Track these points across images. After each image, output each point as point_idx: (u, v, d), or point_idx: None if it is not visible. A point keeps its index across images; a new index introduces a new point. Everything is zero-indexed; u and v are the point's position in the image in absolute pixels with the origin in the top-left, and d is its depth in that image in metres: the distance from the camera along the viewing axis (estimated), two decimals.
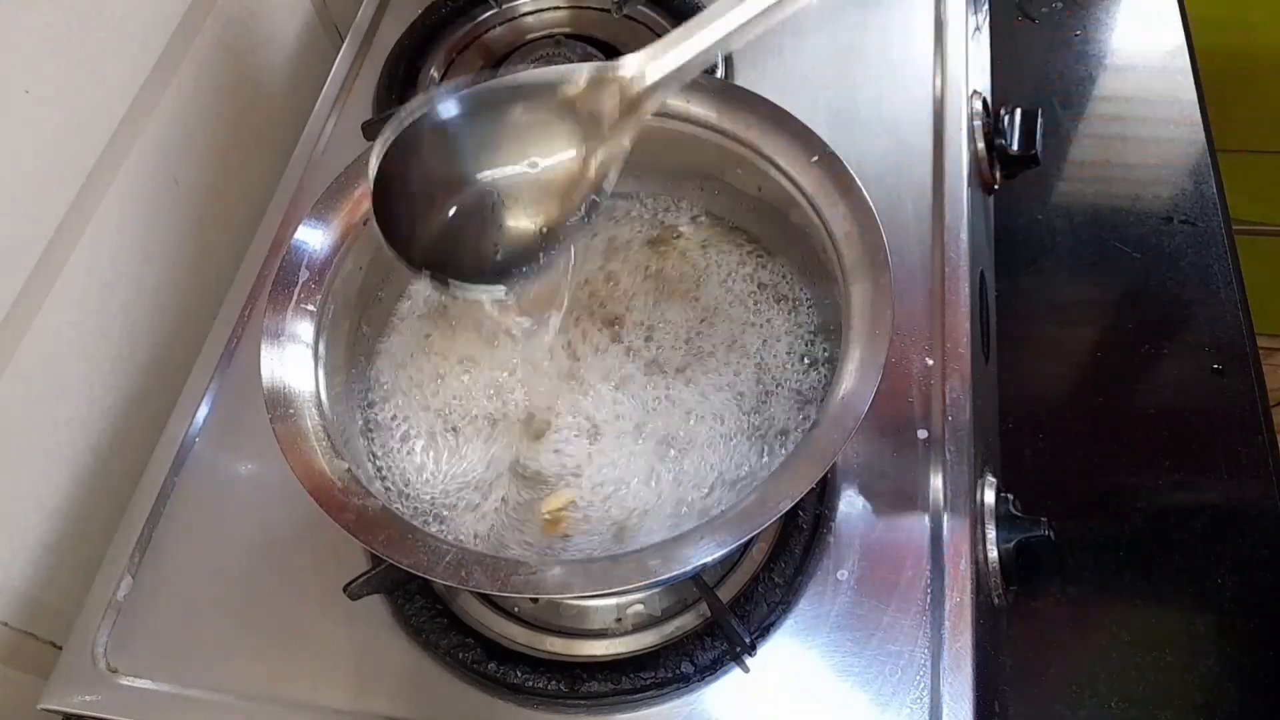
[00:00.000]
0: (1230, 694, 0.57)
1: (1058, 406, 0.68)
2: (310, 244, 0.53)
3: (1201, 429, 0.66)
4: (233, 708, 0.53)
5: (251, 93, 0.78)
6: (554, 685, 0.51)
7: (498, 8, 0.83)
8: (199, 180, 0.72)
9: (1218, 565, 0.61)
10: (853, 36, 0.74)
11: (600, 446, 0.54)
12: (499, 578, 0.42)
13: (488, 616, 0.55)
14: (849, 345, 0.47)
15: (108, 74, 0.62)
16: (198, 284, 0.73)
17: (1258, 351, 0.69)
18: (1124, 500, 0.64)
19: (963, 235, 0.62)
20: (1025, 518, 0.55)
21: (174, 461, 0.61)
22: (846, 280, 0.49)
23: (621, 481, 0.53)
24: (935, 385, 0.57)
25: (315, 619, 0.55)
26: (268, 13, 0.80)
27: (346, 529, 0.44)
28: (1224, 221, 0.75)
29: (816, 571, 0.53)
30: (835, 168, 0.51)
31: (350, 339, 0.56)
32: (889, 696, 0.49)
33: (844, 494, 0.55)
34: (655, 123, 0.57)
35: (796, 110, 0.54)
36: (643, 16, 0.80)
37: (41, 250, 0.58)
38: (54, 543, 0.61)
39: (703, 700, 0.51)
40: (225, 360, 0.65)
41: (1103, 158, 0.80)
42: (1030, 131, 0.68)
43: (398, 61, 0.79)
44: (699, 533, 0.42)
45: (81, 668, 0.55)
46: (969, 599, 0.51)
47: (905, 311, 0.60)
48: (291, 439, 0.47)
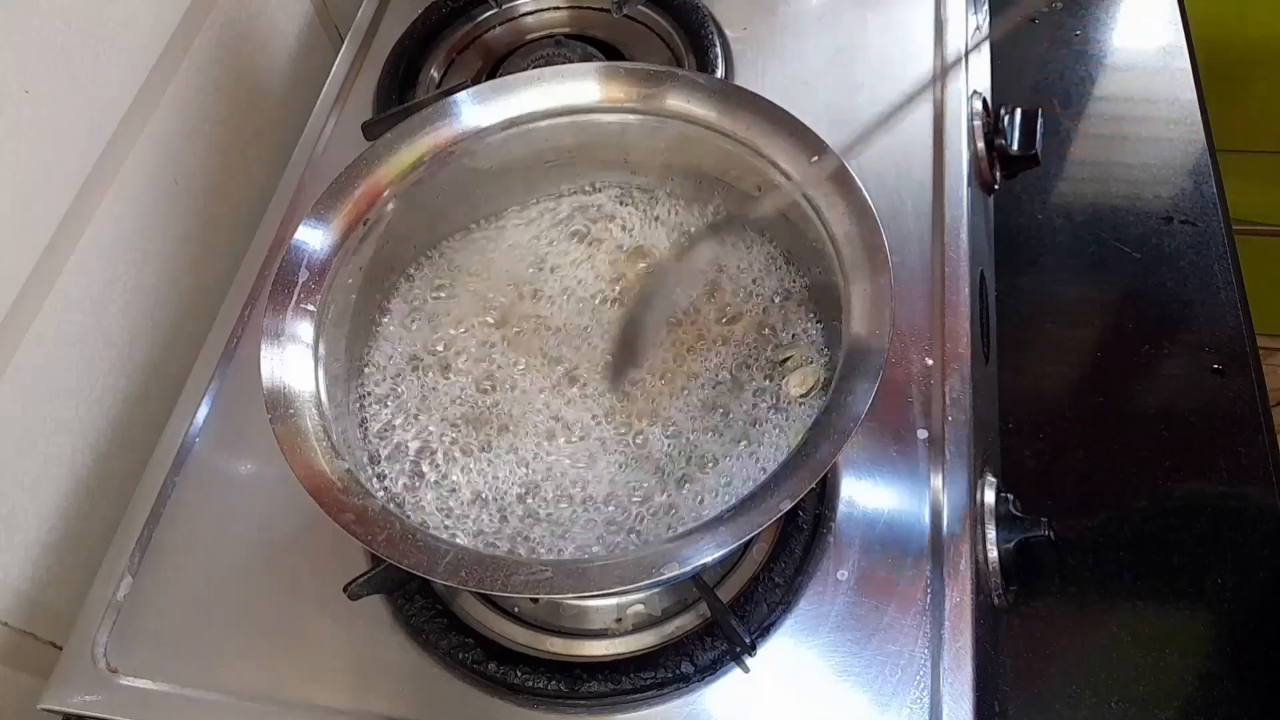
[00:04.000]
0: (1230, 694, 0.57)
1: (1058, 406, 0.68)
2: (310, 244, 0.53)
3: (1201, 429, 0.66)
4: (233, 708, 0.53)
5: (251, 93, 0.78)
6: (554, 685, 0.51)
7: (498, 8, 0.83)
8: (199, 180, 0.72)
9: (1218, 565, 0.61)
10: (853, 36, 0.74)
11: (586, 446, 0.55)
12: (499, 578, 0.42)
13: (488, 616, 0.55)
14: (849, 345, 0.47)
15: (108, 74, 0.62)
16: (198, 284, 0.73)
17: (1258, 351, 0.69)
18: (1124, 500, 0.64)
19: (963, 235, 0.62)
20: (1025, 518, 0.55)
21: (174, 461, 0.61)
22: (846, 280, 0.49)
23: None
24: (935, 385, 0.57)
25: (315, 619, 0.55)
26: (268, 13, 0.80)
27: (346, 529, 0.44)
28: (1224, 221, 0.75)
29: (816, 571, 0.53)
30: (835, 168, 0.51)
31: (351, 339, 0.56)
32: (889, 696, 0.49)
33: (844, 494, 0.55)
34: (655, 122, 0.58)
35: (796, 110, 0.54)
36: (643, 16, 0.80)
37: (41, 250, 0.58)
38: (54, 543, 0.61)
39: (703, 700, 0.51)
40: (225, 360, 0.65)
41: (1103, 158, 0.80)
42: (1030, 131, 0.68)
43: (398, 61, 0.79)
44: (699, 533, 0.42)
45: (81, 668, 0.55)
46: (969, 599, 0.51)
47: (905, 311, 0.60)
48: (291, 439, 0.47)
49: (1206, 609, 0.60)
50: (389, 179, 0.56)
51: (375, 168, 0.56)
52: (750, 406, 0.54)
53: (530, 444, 0.55)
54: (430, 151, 0.57)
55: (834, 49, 0.73)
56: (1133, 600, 0.61)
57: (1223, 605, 0.60)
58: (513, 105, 0.58)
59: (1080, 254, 0.75)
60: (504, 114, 0.58)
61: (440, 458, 0.55)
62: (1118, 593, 0.61)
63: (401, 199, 0.57)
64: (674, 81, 0.56)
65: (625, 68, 0.58)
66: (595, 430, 0.55)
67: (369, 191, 0.56)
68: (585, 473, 0.54)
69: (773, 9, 0.77)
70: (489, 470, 0.54)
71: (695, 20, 0.76)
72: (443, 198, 0.60)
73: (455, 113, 0.57)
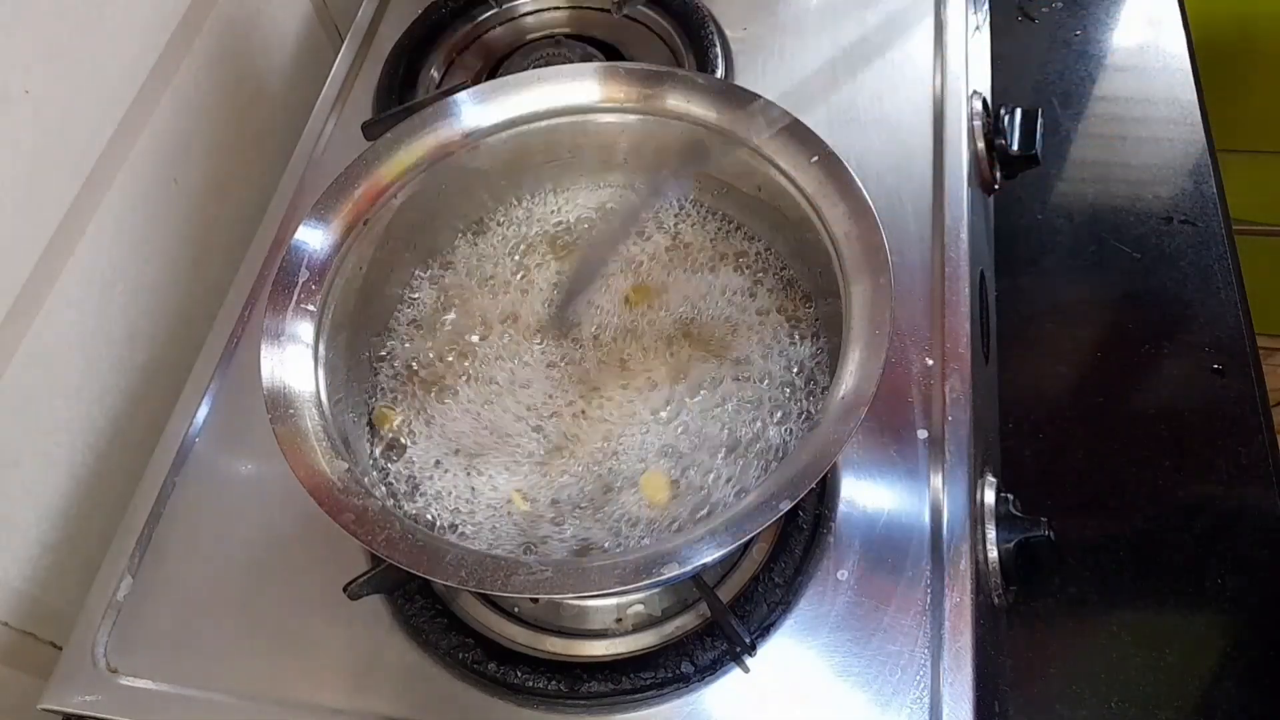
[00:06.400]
0: (1230, 694, 0.57)
1: (1058, 406, 0.68)
2: (310, 244, 0.53)
3: (1201, 429, 0.66)
4: (233, 708, 0.53)
5: (251, 93, 0.78)
6: (554, 685, 0.51)
7: (498, 8, 0.83)
8: (199, 180, 0.72)
9: (1218, 565, 0.61)
10: (853, 36, 0.74)
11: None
12: (499, 578, 0.42)
13: (488, 616, 0.55)
14: (849, 345, 0.46)
15: (108, 74, 0.62)
16: (198, 284, 0.73)
17: (1258, 351, 0.69)
18: (1124, 500, 0.64)
19: (963, 235, 0.62)
20: (1025, 518, 0.55)
21: (174, 461, 0.61)
22: (846, 280, 0.49)
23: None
24: (935, 385, 0.57)
25: (315, 619, 0.55)
26: (268, 13, 0.80)
27: (346, 529, 0.44)
28: (1224, 221, 0.75)
29: (816, 571, 0.53)
30: (835, 168, 0.51)
31: (350, 339, 0.56)
32: (889, 696, 0.49)
33: (844, 494, 0.55)
34: (655, 122, 0.58)
35: (796, 110, 0.54)
36: (643, 16, 0.80)
37: (41, 250, 0.58)
38: (54, 543, 0.61)
39: (703, 700, 0.51)
40: (225, 360, 0.65)
41: (1103, 158, 0.80)
42: (1030, 131, 0.68)
43: (398, 61, 0.79)
44: (699, 533, 0.42)
45: (81, 668, 0.55)
46: (969, 599, 0.51)
47: (905, 311, 0.59)
48: (291, 439, 0.47)
49: (1206, 609, 0.60)
50: (389, 179, 0.56)
51: (375, 168, 0.56)
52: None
53: (533, 444, 0.55)
54: (430, 151, 0.57)
55: (834, 49, 0.73)
56: (1133, 600, 0.61)
57: (1223, 605, 0.60)
58: (513, 105, 0.58)
59: (1080, 254, 0.75)
60: (504, 114, 0.58)
61: (441, 457, 0.55)
62: (1118, 593, 0.61)
63: (401, 199, 0.57)
64: (674, 81, 0.56)
65: (625, 68, 0.58)
66: (597, 430, 0.55)
67: (369, 191, 0.56)
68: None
69: (773, 9, 0.77)
70: (488, 468, 0.54)
71: (695, 20, 0.76)
72: (443, 198, 0.60)
73: (455, 113, 0.57)
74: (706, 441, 0.53)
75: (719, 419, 0.54)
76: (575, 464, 0.54)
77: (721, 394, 0.55)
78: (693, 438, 0.54)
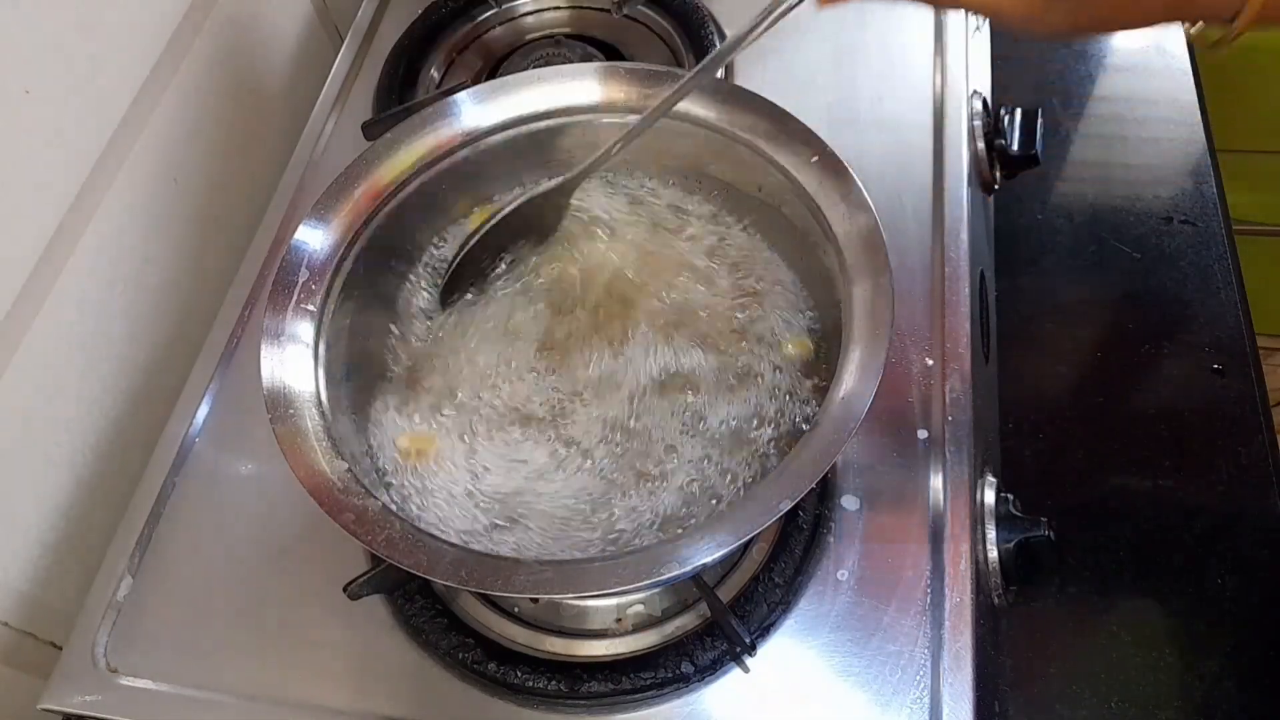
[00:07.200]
0: (1230, 694, 0.57)
1: (1058, 406, 0.68)
2: (310, 244, 0.53)
3: (1201, 429, 0.66)
4: (233, 708, 0.53)
5: (251, 93, 0.78)
6: (554, 685, 0.51)
7: (498, 8, 0.83)
8: (199, 180, 0.72)
9: (1218, 565, 0.61)
10: (853, 36, 0.74)
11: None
12: (500, 578, 0.42)
13: (488, 616, 0.55)
14: (849, 345, 0.46)
15: (108, 74, 0.62)
16: (198, 284, 0.73)
17: (1258, 351, 0.69)
18: (1124, 500, 0.64)
19: (963, 235, 0.62)
20: (1025, 518, 0.55)
21: (174, 461, 0.61)
22: (847, 280, 0.49)
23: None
24: (935, 385, 0.57)
25: (315, 619, 0.55)
26: (268, 13, 0.80)
27: (346, 529, 0.44)
28: (1224, 221, 0.75)
29: (816, 571, 0.53)
30: (835, 168, 0.51)
31: (351, 339, 0.56)
32: (889, 696, 0.49)
33: (844, 494, 0.55)
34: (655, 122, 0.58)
35: (796, 110, 0.54)
36: (643, 16, 0.80)
37: (42, 250, 0.58)
38: (54, 543, 0.61)
39: (703, 700, 0.51)
40: (225, 360, 0.65)
41: (1103, 158, 0.80)
42: (1030, 131, 0.68)
43: (398, 61, 0.79)
44: (699, 533, 0.42)
45: (81, 668, 0.55)
46: (969, 599, 0.51)
47: (905, 311, 0.59)
48: (291, 439, 0.47)
49: (1206, 609, 0.60)
50: (389, 179, 0.56)
51: (375, 168, 0.56)
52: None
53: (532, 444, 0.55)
54: (430, 151, 0.57)
55: (834, 49, 0.73)
56: (1133, 600, 0.61)
57: (1223, 605, 0.60)
58: (513, 105, 0.58)
59: (1080, 254, 0.75)
60: (504, 114, 0.58)
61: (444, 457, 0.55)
62: (1118, 593, 0.61)
63: (402, 199, 0.57)
64: (674, 81, 0.56)
65: (625, 68, 0.58)
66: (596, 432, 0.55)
67: (369, 191, 0.56)
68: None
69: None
70: (489, 472, 0.54)
71: (695, 20, 0.76)
72: (443, 197, 0.60)
73: (455, 113, 0.57)
74: (706, 440, 0.53)
75: (719, 418, 0.54)
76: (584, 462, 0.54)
77: (721, 394, 0.55)
78: (692, 437, 0.54)
